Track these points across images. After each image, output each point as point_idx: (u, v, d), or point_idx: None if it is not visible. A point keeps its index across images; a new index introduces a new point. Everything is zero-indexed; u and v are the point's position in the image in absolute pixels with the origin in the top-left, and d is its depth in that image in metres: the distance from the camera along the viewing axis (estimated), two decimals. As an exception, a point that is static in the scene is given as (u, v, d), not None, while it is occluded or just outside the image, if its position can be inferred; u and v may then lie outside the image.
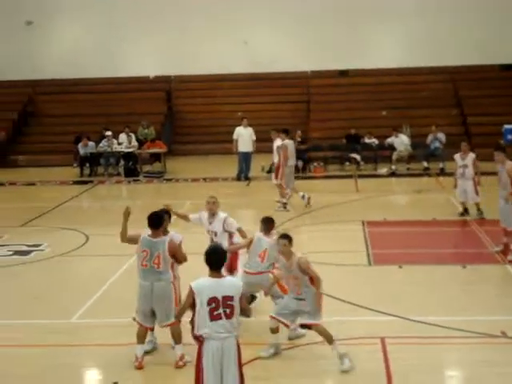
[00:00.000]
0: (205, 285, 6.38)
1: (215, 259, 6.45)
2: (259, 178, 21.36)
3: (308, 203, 16.94)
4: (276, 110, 27.73)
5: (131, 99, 28.52)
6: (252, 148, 21.56)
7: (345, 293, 10.43)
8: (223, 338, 6.30)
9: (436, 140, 22.96)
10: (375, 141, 24.06)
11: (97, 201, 20.46)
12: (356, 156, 23.65)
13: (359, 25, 28.06)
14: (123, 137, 24.25)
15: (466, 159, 15.19)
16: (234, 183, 21.22)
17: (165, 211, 8.87)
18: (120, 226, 8.46)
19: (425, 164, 22.54)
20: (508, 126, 23.93)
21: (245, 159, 21.56)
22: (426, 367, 8.07)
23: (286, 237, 8.37)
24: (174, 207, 9.78)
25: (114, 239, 10.18)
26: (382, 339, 8.70)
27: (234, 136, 21.61)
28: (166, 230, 8.54)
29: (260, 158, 21.78)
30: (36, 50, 29.30)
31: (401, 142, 23.12)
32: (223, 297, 6.31)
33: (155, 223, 8.23)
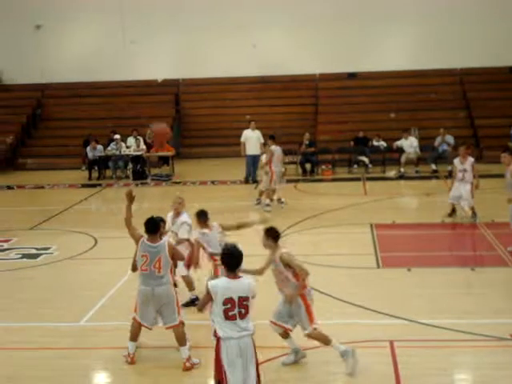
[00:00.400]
0: (221, 285, 6.45)
1: (232, 260, 6.50)
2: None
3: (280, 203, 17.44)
4: (284, 113, 27.74)
5: (139, 102, 28.61)
6: (260, 151, 21.54)
7: (353, 296, 10.42)
8: (239, 337, 6.38)
9: (444, 142, 22.92)
10: (383, 143, 24.03)
11: (105, 204, 20.50)
12: (364, 159, 23.62)
13: (368, 27, 28.03)
14: (131, 140, 24.33)
15: (465, 163, 15.25)
16: (242, 186, 21.23)
17: (160, 218, 8.88)
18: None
19: (433, 166, 22.49)
20: (517, 129, 23.89)
21: (252, 162, 21.55)
22: (435, 370, 8.04)
23: (270, 231, 8.05)
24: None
25: (123, 242, 10.26)
26: (391, 342, 8.67)
27: (242, 139, 21.62)
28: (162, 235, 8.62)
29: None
30: (45, 54, 29.41)
31: (410, 144, 23.08)
32: (239, 297, 6.38)
33: (153, 228, 8.25)
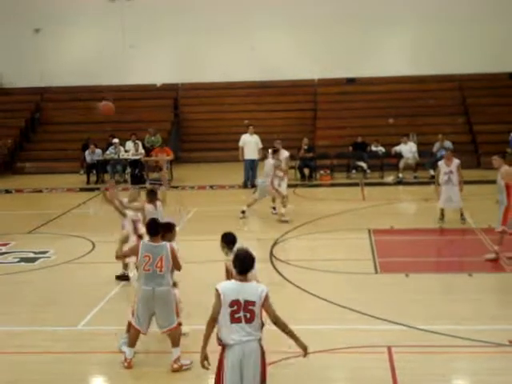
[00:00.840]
0: (229, 287, 6.45)
1: (243, 264, 6.49)
2: (266, 186, 21.34)
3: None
4: (283, 118, 27.77)
5: (138, 107, 28.61)
6: (258, 155, 21.57)
7: (351, 301, 10.40)
8: (244, 342, 6.33)
9: (443, 148, 22.91)
10: (382, 149, 24.04)
11: (103, 208, 20.43)
12: (362, 164, 23.63)
13: (367, 33, 28.06)
14: (130, 144, 24.31)
15: (451, 166, 15.51)
16: (241, 191, 21.21)
17: (171, 224, 8.97)
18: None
19: (431, 172, 22.45)
20: (515, 135, 23.90)
21: (251, 167, 21.57)
22: (433, 376, 8.03)
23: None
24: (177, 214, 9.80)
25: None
26: (389, 348, 8.66)
27: (240, 143, 21.64)
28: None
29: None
30: (44, 58, 29.40)
31: (409, 150, 23.08)
32: (245, 301, 6.35)
33: (154, 230, 8.42)
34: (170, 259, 8.33)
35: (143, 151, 24.02)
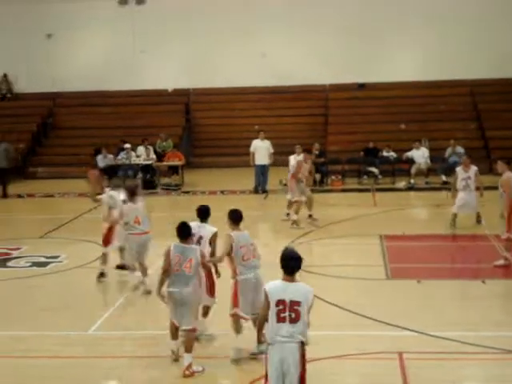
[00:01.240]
0: (275, 287, 6.57)
1: (290, 264, 6.60)
2: (277, 191, 21.34)
3: None
4: (294, 123, 27.78)
5: (149, 112, 28.69)
6: (269, 161, 21.57)
7: (362, 307, 10.37)
8: (284, 342, 6.40)
9: (454, 154, 22.84)
10: (393, 154, 23.99)
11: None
12: (374, 169, 23.59)
13: (377, 38, 28.05)
14: (141, 149, 24.36)
15: (469, 171, 15.49)
16: (252, 196, 21.22)
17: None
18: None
19: (443, 178, 22.41)
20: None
21: (262, 172, 21.57)
22: (444, 382, 7.99)
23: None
24: (191, 220, 9.76)
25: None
26: (400, 354, 8.62)
27: (251, 149, 21.63)
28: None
29: (278, 171, 21.76)
30: (56, 63, 29.57)
31: (422, 155, 23.03)
32: (291, 301, 6.44)
33: (184, 233, 8.63)
34: (199, 262, 8.50)
35: (155, 156, 24.08)
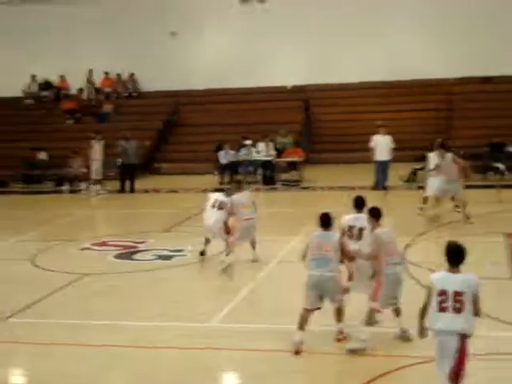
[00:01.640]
0: (439, 277, 6.73)
1: (453, 256, 6.70)
2: (397, 187, 21.06)
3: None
4: (416, 118, 27.31)
5: (269, 109, 28.98)
6: (389, 156, 21.30)
7: (486, 307, 10.04)
8: (443, 331, 6.55)
9: None
10: (520, 149, 23.14)
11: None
12: (499, 165, 22.83)
13: (506, 29, 27.06)
14: (262, 145, 24.70)
15: None
16: (371, 192, 21.01)
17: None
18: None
19: None
20: None
21: (382, 168, 21.33)
22: None
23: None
24: (310, 215, 9.88)
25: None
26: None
27: (372, 144, 21.45)
28: None
29: (398, 167, 21.47)
30: (180, 61, 30.39)
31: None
32: (454, 291, 6.55)
33: (326, 222, 9.06)
34: (338, 247, 8.84)
35: (275, 152, 24.34)
